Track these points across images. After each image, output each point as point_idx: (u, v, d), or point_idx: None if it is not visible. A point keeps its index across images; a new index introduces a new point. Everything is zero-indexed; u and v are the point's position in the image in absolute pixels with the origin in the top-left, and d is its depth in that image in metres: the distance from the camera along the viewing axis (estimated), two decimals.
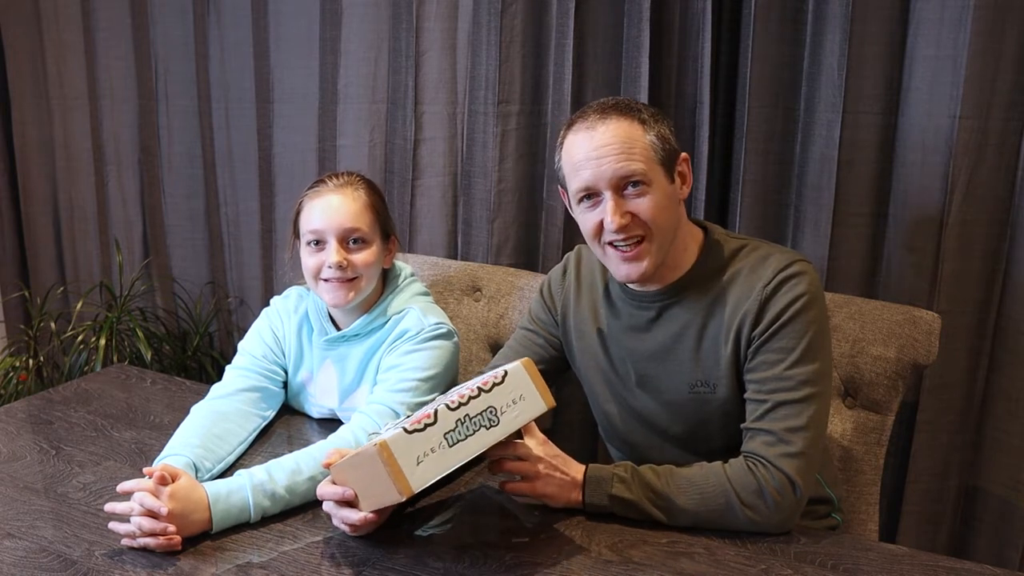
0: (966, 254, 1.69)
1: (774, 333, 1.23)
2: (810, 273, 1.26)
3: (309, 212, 1.48)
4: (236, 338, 2.58)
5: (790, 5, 1.74)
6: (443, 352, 1.51)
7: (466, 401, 1.09)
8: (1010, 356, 1.71)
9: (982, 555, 1.80)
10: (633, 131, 1.23)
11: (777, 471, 1.18)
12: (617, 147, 1.22)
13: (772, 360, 1.23)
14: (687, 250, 1.32)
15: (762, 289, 1.24)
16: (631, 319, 1.36)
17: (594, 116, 1.25)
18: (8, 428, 1.53)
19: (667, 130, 1.27)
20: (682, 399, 1.32)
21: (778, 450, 1.19)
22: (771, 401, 1.22)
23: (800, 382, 1.21)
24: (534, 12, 1.96)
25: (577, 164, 1.25)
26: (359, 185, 1.50)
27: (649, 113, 1.26)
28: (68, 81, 2.66)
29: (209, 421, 1.42)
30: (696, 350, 1.30)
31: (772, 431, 1.20)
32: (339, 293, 1.48)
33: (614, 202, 1.23)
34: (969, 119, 1.63)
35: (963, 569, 1.14)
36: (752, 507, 1.18)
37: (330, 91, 2.26)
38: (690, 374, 1.31)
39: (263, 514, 1.24)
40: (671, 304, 1.32)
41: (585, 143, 1.24)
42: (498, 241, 2.06)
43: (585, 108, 1.29)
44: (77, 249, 2.79)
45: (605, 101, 1.28)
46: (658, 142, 1.24)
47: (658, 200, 1.24)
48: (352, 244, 1.47)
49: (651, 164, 1.23)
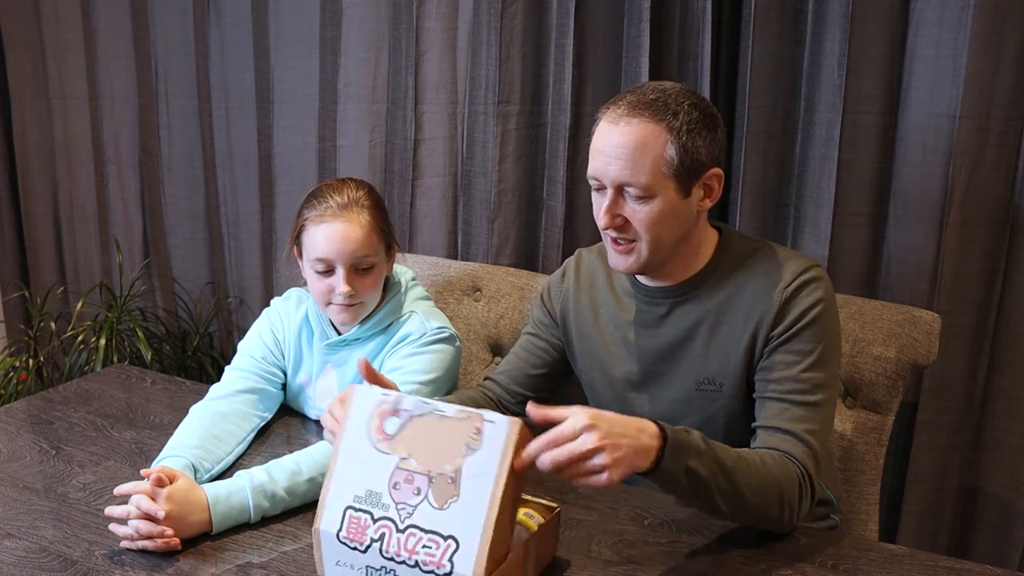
0: (966, 254, 1.69)
1: (795, 335, 1.23)
2: (826, 279, 1.26)
3: (313, 237, 1.45)
4: (236, 338, 2.58)
5: (790, 5, 1.74)
6: (445, 356, 1.51)
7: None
8: (1010, 356, 1.71)
9: (982, 555, 1.80)
10: (653, 139, 1.20)
11: (804, 470, 1.17)
12: (628, 152, 1.20)
13: (790, 361, 1.22)
14: (700, 252, 1.31)
15: (782, 290, 1.24)
16: (641, 315, 1.35)
17: (625, 109, 1.22)
18: (8, 428, 1.53)
19: (701, 142, 1.21)
20: (688, 396, 1.32)
21: (801, 450, 1.18)
22: (787, 401, 1.21)
23: (815, 386, 1.21)
24: (534, 12, 1.96)
25: (593, 151, 1.25)
26: (363, 203, 1.46)
27: (689, 120, 1.20)
28: (68, 81, 2.66)
29: (208, 422, 1.42)
30: (707, 347, 1.30)
31: (793, 432, 1.20)
32: (348, 315, 1.49)
33: (610, 201, 1.23)
34: (969, 119, 1.62)
35: (963, 569, 1.14)
36: (791, 506, 1.16)
37: (330, 91, 2.26)
38: (699, 371, 1.31)
39: (263, 515, 1.24)
40: (682, 301, 1.32)
41: (603, 135, 1.23)
42: (498, 241, 2.06)
43: (628, 92, 1.25)
44: (77, 249, 2.79)
45: (646, 91, 1.23)
46: (679, 156, 1.20)
47: (657, 212, 1.22)
48: (361, 270, 1.46)
49: (658, 177, 1.20)
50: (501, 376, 1.50)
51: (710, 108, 1.25)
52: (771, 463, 1.15)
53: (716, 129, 1.25)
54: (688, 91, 1.25)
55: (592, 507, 1.29)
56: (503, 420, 0.96)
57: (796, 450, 1.19)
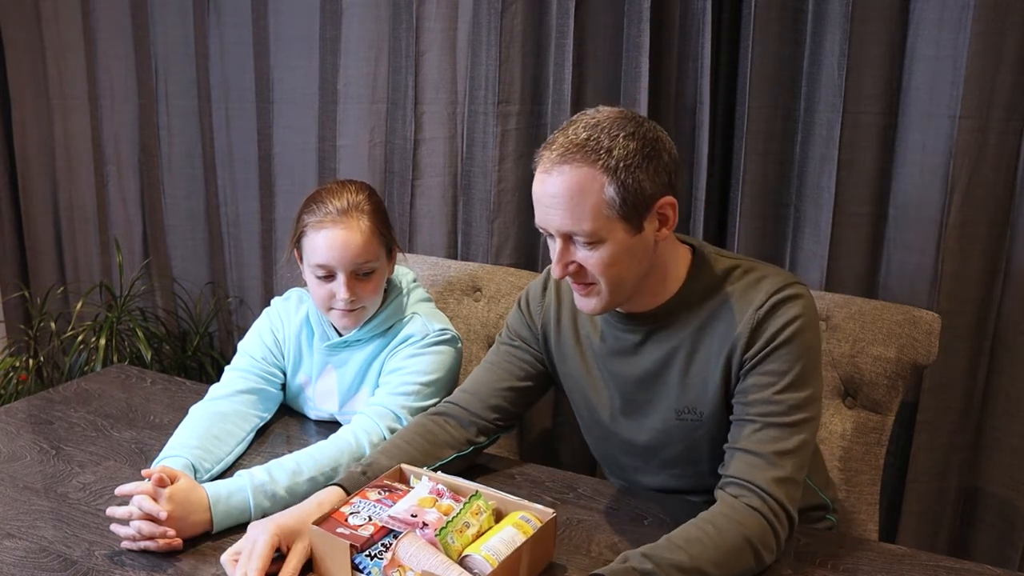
0: (966, 254, 1.69)
1: (767, 355, 1.18)
2: (805, 296, 1.21)
3: (313, 243, 1.44)
4: (236, 338, 2.58)
5: (790, 5, 1.74)
6: (446, 357, 1.51)
7: None
8: (1010, 356, 1.71)
9: (982, 555, 1.80)
10: (589, 183, 1.12)
11: (772, 500, 1.12)
12: (564, 201, 1.13)
13: (764, 383, 1.18)
14: (669, 277, 1.25)
15: (754, 312, 1.19)
16: (616, 342, 1.30)
17: (556, 156, 1.14)
18: (8, 428, 1.53)
19: (643, 175, 1.13)
20: (669, 425, 1.28)
21: (768, 474, 1.13)
22: (760, 422, 1.17)
23: (791, 407, 1.16)
24: (534, 12, 1.96)
25: (534, 199, 1.18)
26: (362, 207, 1.45)
27: (625, 154, 1.12)
28: (68, 81, 2.66)
29: (208, 422, 1.42)
30: (684, 375, 1.25)
31: (760, 453, 1.15)
32: (349, 319, 1.49)
33: (560, 249, 1.17)
34: (969, 119, 1.62)
35: (963, 569, 1.14)
36: (770, 549, 1.11)
37: (330, 91, 2.26)
38: (677, 400, 1.26)
39: (263, 514, 1.24)
40: (658, 328, 1.27)
41: (540, 185, 1.16)
42: (498, 241, 2.06)
43: (559, 133, 1.17)
44: (77, 249, 2.79)
45: (578, 130, 1.15)
46: (620, 195, 1.12)
47: (609, 255, 1.15)
48: (362, 275, 1.46)
49: (603, 221, 1.13)
50: (479, 388, 1.40)
51: (651, 134, 1.16)
52: (724, 524, 1.10)
53: (660, 156, 1.15)
54: (625, 118, 1.16)
55: (592, 507, 1.29)
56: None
57: (760, 475, 1.13)
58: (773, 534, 1.11)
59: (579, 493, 1.34)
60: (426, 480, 1.17)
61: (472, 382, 1.42)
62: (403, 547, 1.03)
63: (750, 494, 1.13)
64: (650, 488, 1.37)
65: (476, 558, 1.04)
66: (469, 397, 1.40)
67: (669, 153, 1.17)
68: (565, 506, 1.29)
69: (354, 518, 1.11)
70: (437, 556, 1.02)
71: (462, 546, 1.06)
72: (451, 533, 1.05)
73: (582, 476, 1.40)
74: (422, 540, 1.04)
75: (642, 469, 1.36)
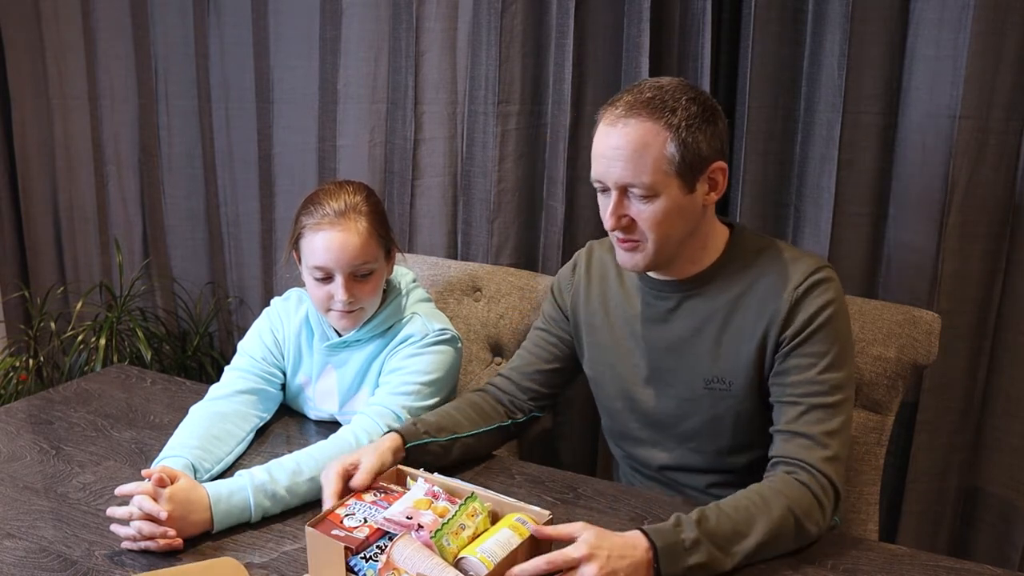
0: (966, 254, 1.69)
1: (807, 337, 1.22)
2: (836, 280, 1.26)
3: (311, 245, 1.44)
4: (236, 338, 2.58)
5: (790, 5, 1.74)
6: (446, 357, 1.51)
7: None
8: (1010, 356, 1.71)
9: (982, 555, 1.80)
10: (653, 138, 1.19)
11: (823, 476, 1.17)
12: (628, 153, 1.20)
13: (805, 364, 1.22)
14: (708, 247, 1.31)
15: (792, 291, 1.23)
16: (649, 309, 1.35)
17: (621, 110, 1.21)
18: (8, 428, 1.53)
19: (702, 136, 1.20)
20: (696, 395, 1.32)
21: (819, 454, 1.18)
22: (805, 404, 1.21)
23: (833, 387, 1.21)
24: (534, 12, 1.96)
25: (594, 154, 1.25)
26: (360, 209, 1.45)
27: (688, 115, 1.20)
28: (68, 81, 2.66)
29: (207, 422, 1.42)
30: (716, 345, 1.29)
31: (809, 435, 1.20)
32: (348, 321, 1.49)
33: (615, 202, 1.23)
34: (969, 119, 1.62)
35: (963, 569, 1.14)
36: (815, 522, 1.16)
37: (330, 91, 2.26)
38: (707, 369, 1.30)
39: (264, 514, 1.24)
40: (691, 296, 1.32)
41: (603, 138, 1.23)
42: (498, 241, 2.06)
43: (625, 92, 1.24)
44: (77, 249, 2.79)
45: (643, 89, 1.22)
46: (680, 152, 1.19)
47: (663, 210, 1.22)
48: (360, 276, 1.46)
49: (661, 176, 1.20)
50: (512, 373, 1.50)
51: (709, 101, 1.24)
52: (771, 495, 1.14)
53: (716, 122, 1.23)
54: (686, 85, 1.24)
55: (592, 507, 1.29)
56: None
57: (812, 455, 1.18)
58: (820, 508, 1.16)
59: (579, 493, 1.34)
60: (422, 482, 1.17)
61: (508, 367, 1.52)
62: (398, 549, 1.03)
63: (801, 471, 1.18)
64: (659, 467, 1.39)
65: (472, 560, 1.04)
66: (505, 380, 1.50)
67: (723, 121, 1.26)
68: (565, 506, 1.29)
69: (349, 520, 1.11)
70: (432, 558, 1.02)
71: (458, 548, 1.06)
72: (447, 535, 1.05)
73: (582, 476, 1.40)
74: (417, 542, 1.04)
75: (659, 443, 1.38)
